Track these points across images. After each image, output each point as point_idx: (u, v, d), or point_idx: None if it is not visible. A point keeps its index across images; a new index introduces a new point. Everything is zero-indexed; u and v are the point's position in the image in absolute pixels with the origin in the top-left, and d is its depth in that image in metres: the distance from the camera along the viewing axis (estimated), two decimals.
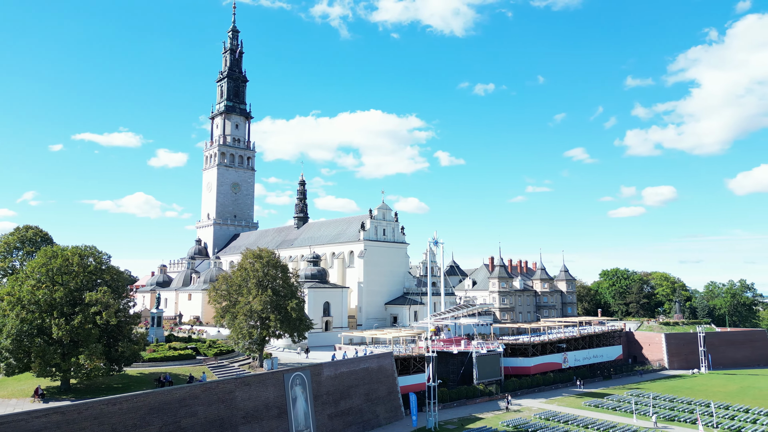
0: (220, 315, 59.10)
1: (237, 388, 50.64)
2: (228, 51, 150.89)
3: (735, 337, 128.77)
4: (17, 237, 61.77)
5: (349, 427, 61.10)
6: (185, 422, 45.57)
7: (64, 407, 38.55)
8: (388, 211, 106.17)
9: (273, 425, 52.60)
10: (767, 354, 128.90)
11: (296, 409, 55.51)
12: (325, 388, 59.59)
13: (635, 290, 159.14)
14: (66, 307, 44.92)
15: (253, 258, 59.56)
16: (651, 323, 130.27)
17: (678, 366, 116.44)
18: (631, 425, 66.55)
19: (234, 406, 49.81)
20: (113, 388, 49.68)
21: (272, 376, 54.32)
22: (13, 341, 42.70)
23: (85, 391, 48.66)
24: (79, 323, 43.83)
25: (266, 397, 52.92)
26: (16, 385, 49.71)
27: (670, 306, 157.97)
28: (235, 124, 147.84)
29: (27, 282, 45.81)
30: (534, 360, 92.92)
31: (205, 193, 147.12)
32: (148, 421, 43.01)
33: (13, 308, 43.91)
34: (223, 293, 59.13)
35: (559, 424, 67.60)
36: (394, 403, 68.83)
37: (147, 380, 52.54)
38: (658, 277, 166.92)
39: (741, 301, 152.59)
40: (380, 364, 68.68)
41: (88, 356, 43.76)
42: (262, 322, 56.34)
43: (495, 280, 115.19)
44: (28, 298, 44.01)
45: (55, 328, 43.41)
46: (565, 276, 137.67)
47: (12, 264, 61.19)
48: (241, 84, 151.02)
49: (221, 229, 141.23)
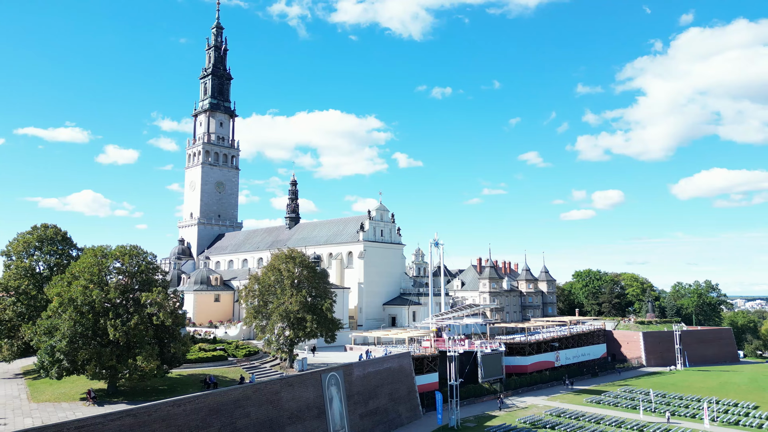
0: (252, 315, 58.85)
1: (282, 389, 50.83)
2: (212, 48, 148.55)
3: (705, 335, 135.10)
4: (36, 237, 59.81)
5: (377, 427, 61.94)
6: (240, 423, 45.57)
7: (136, 410, 38.17)
8: (385, 212, 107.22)
9: (314, 425, 52.97)
10: (733, 351, 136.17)
11: (333, 409, 56.00)
12: (355, 387, 60.24)
13: (607, 291, 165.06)
14: (121, 308, 44.15)
15: (285, 259, 59.61)
16: (627, 322, 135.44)
17: (655, 363, 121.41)
18: (639, 420, 69.69)
19: (280, 406, 50.01)
20: (158, 390, 49.08)
21: (311, 376, 54.65)
22: (68, 343, 41.73)
23: (132, 393, 47.95)
24: (135, 324, 43.19)
25: (307, 398, 53.26)
26: (58, 388, 48.51)
27: (640, 305, 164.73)
28: (219, 122, 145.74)
29: (76, 282, 44.74)
30: (530, 359, 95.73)
31: (188, 192, 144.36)
32: (208, 422, 42.88)
33: (66, 309, 42.90)
34: (255, 293, 58.93)
35: (570, 420, 70.17)
36: (413, 402, 69.99)
37: (189, 382, 52.05)
38: (628, 278, 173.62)
39: (707, 301, 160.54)
40: (400, 364, 69.73)
41: (146, 358, 43.14)
42: (298, 323, 56.52)
43: (486, 280, 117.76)
44: (82, 298, 43.05)
45: (111, 330, 42.66)
46: (546, 277, 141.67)
47: (32, 264, 59.20)
48: (226, 81, 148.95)
49: (205, 228, 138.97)
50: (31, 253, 59.79)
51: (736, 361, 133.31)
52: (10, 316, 56.05)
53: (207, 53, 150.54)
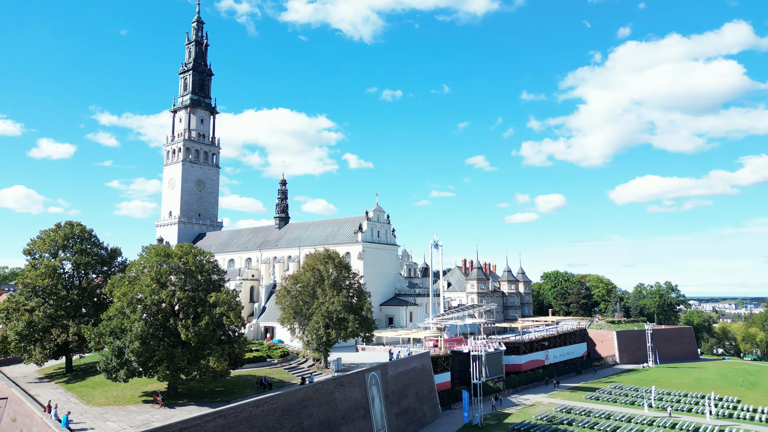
0: (291, 315, 58.63)
1: (336, 389, 51.25)
2: (193, 42, 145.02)
3: (669, 334, 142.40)
4: (62, 235, 57.53)
5: (409, 426, 63.03)
6: (306, 423, 45.80)
7: (225, 411, 38.01)
8: (381, 213, 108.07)
9: (361, 425, 53.59)
10: (693, 349, 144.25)
11: (375, 408, 56.71)
12: (390, 387, 61.13)
13: (575, 291, 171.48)
14: (190, 308, 43.43)
15: (324, 259, 59.73)
16: (600, 322, 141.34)
17: (627, 361, 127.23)
18: (645, 415, 73.56)
19: (335, 406, 50.41)
20: (215, 392, 48.55)
21: (357, 376, 55.20)
22: (141, 344, 40.76)
23: (191, 394, 47.19)
24: (206, 324, 42.64)
25: (355, 397, 53.81)
26: (107, 392, 47.14)
27: (605, 306, 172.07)
28: (200, 118, 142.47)
29: (140, 282, 43.70)
30: (525, 357, 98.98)
31: (166, 190, 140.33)
32: (281, 422, 42.98)
33: (134, 310, 41.90)
34: (296, 293, 58.78)
35: (580, 416, 73.32)
36: (434, 401, 71.42)
37: (241, 382, 51.59)
38: (593, 279, 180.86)
39: (667, 301, 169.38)
40: (422, 364, 71.01)
41: (218, 358, 42.59)
42: (340, 323, 56.84)
43: (474, 281, 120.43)
44: (151, 298, 42.12)
45: (183, 330, 41.95)
46: (523, 278, 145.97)
47: (61, 263, 56.91)
48: (207, 77, 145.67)
49: (186, 228, 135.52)
50: (55, 252, 57.50)
51: (696, 359, 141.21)
52: (40, 317, 53.85)
53: (187, 48, 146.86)
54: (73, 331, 53.62)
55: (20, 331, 52.82)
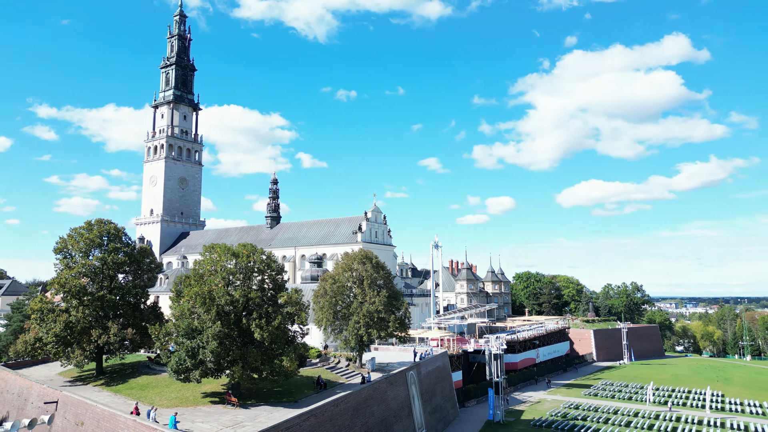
0: (330, 315, 58.71)
1: (388, 388, 51.94)
2: (175, 37, 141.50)
3: (638, 332, 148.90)
4: (95, 233, 55.74)
5: (439, 423, 64.31)
6: (370, 422, 46.40)
7: (315, 410, 38.28)
8: (379, 213, 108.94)
9: (407, 424, 54.50)
10: (660, 347, 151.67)
11: (415, 406, 57.66)
12: (424, 386, 62.20)
13: (547, 292, 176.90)
14: (262, 308, 43.19)
15: (362, 259, 60.15)
16: (576, 321, 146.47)
17: (603, 358, 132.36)
18: (648, 410, 77.28)
19: (388, 405, 51.14)
20: (275, 392, 48.40)
21: (401, 375, 56.00)
22: (219, 344, 40.30)
23: (255, 395, 46.92)
24: (278, 324, 42.56)
25: (401, 396, 54.65)
26: (172, 392, 46.24)
27: (576, 305, 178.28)
28: (182, 115, 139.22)
29: (209, 281, 43.05)
30: (519, 356, 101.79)
31: (147, 188, 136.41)
32: (353, 421, 43.47)
33: (209, 310, 41.40)
34: (335, 293, 58.94)
35: (589, 412, 76.36)
36: (453, 400, 72.92)
37: (297, 382, 51.50)
38: (563, 280, 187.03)
39: (634, 301, 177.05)
40: (443, 363, 72.36)
41: (290, 358, 42.53)
42: (380, 323, 57.47)
43: (463, 282, 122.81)
44: (225, 298, 41.66)
45: (257, 330, 41.71)
46: (502, 278, 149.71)
47: (95, 263, 55.05)
48: (189, 73, 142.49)
49: (168, 226, 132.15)
50: (87, 251, 55.65)
51: (662, 356, 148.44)
52: (78, 318, 52.10)
53: (169, 42, 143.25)
54: (113, 332, 52.11)
55: (58, 333, 50.98)
